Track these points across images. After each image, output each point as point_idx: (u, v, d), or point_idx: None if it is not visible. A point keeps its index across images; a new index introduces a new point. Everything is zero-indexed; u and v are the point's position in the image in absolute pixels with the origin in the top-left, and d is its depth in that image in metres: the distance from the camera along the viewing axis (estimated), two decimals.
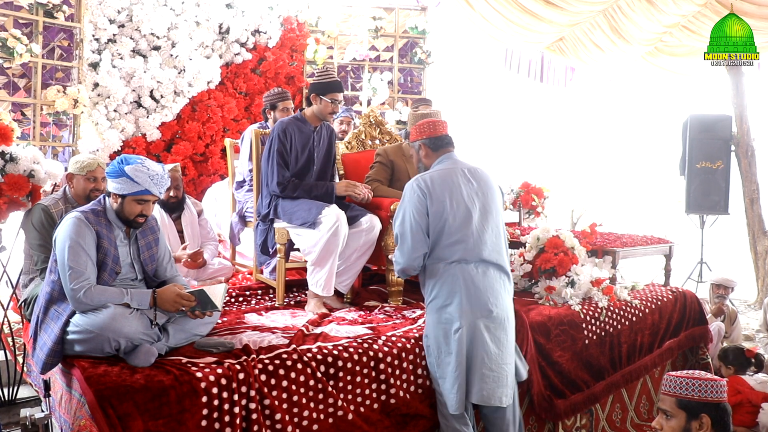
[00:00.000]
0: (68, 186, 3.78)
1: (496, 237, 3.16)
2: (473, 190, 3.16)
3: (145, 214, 2.95)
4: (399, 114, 7.43)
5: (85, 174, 3.68)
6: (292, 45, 7.16)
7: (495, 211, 3.19)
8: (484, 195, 3.18)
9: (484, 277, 3.07)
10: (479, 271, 3.06)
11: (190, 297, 2.84)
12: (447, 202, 3.07)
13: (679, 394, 2.18)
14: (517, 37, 7.51)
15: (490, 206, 3.17)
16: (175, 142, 6.47)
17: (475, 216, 3.10)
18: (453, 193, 3.10)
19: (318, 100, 3.93)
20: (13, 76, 5.26)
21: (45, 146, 5.41)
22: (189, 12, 6.38)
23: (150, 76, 6.18)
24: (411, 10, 7.71)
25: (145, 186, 2.87)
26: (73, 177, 3.75)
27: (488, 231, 3.13)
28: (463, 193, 3.12)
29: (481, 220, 3.12)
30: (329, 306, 3.87)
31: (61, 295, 2.80)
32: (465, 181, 3.17)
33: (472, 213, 3.10)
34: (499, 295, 3.11)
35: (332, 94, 3.91)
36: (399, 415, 3.10)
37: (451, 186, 3.11)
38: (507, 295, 3.19)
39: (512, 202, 6.43)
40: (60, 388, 2.78)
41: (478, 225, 3.10)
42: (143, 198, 2.90)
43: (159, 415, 2.45)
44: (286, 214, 3.85)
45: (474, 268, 3.06)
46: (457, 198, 3.09)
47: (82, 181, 3.72)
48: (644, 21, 7.09)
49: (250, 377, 2.69)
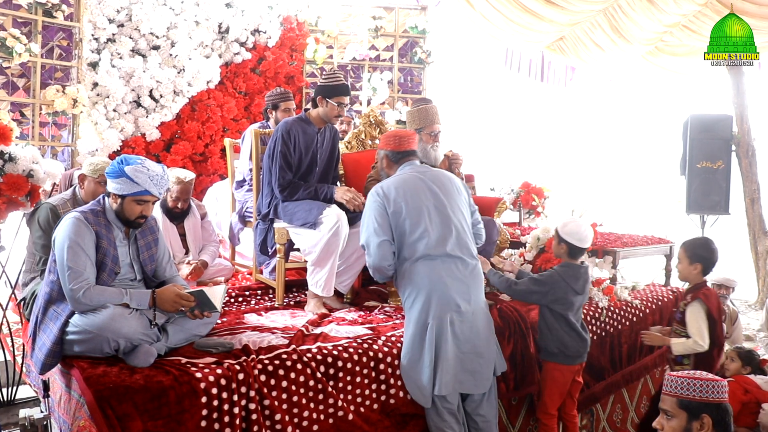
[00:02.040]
0: (79, 187, 3.77)
1: (460, 232, 3.22)
2: (430, 189, 3.25)
3: (144, 215, 2.94)
4: (399, 114, 7.43)
5: (97, 177, 3.67)
6: (291, 44, 7.15)
7: (456, 208, 3.26)
8: (443, 193, 3.26)
9: (450, 271, 3.12)
10: (445, 266, 3.12)
11: (189, 297, 2.84)
12: (403, 203, 3.17)
13: (681, 394, 2.17)
14: (518, 36, 7.51)
15: (449, 203, 3.25)
16: (175, 141, 6.45)
17: (432, 213, 3.19)
18: (409, 193, 3.21)
19: (324, 102, 3.90)
20: (12, 76, 5.25)
21: (44, 146, 5.40)
22: (188, 11, 6.37)
23: (149, 76, 6.17)
24: (411, 10, 7.70)
25: (145, 186, 2.86)
26: (85, 178, 3.74)
27: (450, 226, 3.19)
28: (419, 193, 3.22)
29: (440, 216, 3.19)
30: (329, 306, 3.86)
31: (60, 296, 2.78)
32: (421, 182, 3.26)
33: (430, 210, 3.19)
34: (469, 289, 3.15)
35: (339, 98, 3.88)
36: (399, 415, 3.10)
37: (407, 188, 3.23)
38: (477, 288, 3.23)
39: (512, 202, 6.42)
40: (59, 389, 2.77)
41: (438, 221, 3.18)
42: (143, 198, 2.89)
43: (158, 416, 2.44)
44: (286, 214, 3.84)
45: (440, 263, 3.11)
46: (413, 198, 3.20)
47: (93, 184, 3.71)
48: (645, 20, 7.08)
49: (250, 377, 2.68)
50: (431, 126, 3.99)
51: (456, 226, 3.21)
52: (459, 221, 3.24)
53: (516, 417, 3.72)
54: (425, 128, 4.00)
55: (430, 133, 3.99)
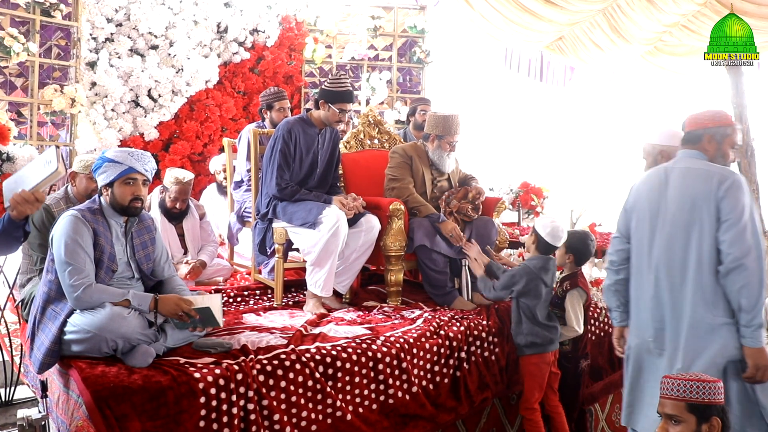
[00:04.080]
0: (71, 185, 3.76)
1: None
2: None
3: (138, 196, 2.92)
4: (398, 113, 7.41)
5: (88, 173, 3.66)
6: (290, 44, 7.14)
7: None
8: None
9: None
10: None
11: (191, 312, 2.84)
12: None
13: (689, 397, 2.12)
14: (517, 36, 7.49)
15: None
16: (173, 141, 6.44)
17: None
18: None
19: (326, 107, 3.89)
20: (10, 76, 5.23)
21: (42, 146, 5.39)
22: (187, 11, 6.36)
23: (148, 76, 6.15)
24: (410, 9, 7.69)
25: (128, 164, 2.87)
26: (77, 176, 3.73)
27: None
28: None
29: None
30: (328, 306, 3.85)
31: (58, 295, 2.78)
32: None
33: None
34: None
35: (341, 104, 3.87)
36: (398, 415, 3.09)
37: None
38: None
39: (511, 202, 6.43)
40: (57, 389, 2.76)
41: None
42: (130, 176, 2.89)
43: (157, 416, 2.44)
44: (286, 214, 3.83)
45: None
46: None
47: (84, 180, 3.71)
48: (644, 20, 7.07)
49: (249, 378, 2.67)
50: (452, 136, 4.12)
51: None
52: None
53: (515, 416, 3.72)
54: (446, 137, 4.11)
55: (448, 142, 4.12)
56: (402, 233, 3.90)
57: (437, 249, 3.89)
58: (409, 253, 3.96)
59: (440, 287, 3.94)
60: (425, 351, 3.28)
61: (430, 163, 4.20)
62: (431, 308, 3.83)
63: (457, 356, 3.42)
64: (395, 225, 3.89)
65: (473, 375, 3.46)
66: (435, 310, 3.80)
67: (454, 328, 3.48)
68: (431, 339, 3.34)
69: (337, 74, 4.07)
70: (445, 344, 3.37)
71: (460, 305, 3.88)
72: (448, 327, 3.48)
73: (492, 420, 3.63)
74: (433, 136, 4.16)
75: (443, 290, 3.94)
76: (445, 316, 3.63)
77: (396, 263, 3.93)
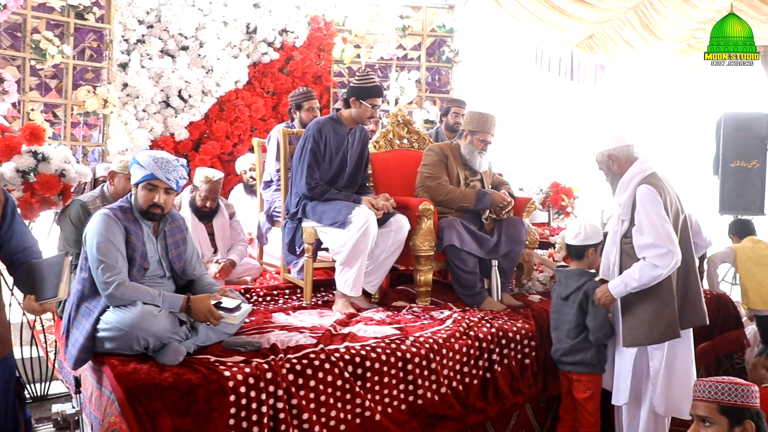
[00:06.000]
0: (108, 183, 3.81)
1: None
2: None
3: (158, 204, 2.92)
4: (427, 113, 7.39)
5: (127, 173, 3.69)
6: (319, 44, 7.16)
7: None
8: None
9: None
10: None
11: (219, 316, 2.85)
12: None
13: (721, 400, 2.10)
14: (546, 35, 7.43)
15: None
16: (203, 141, 6.50)
17: None
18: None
19: (358, 104, 3.90)
20: (45, 77, 5.33)
21: (75, 146, 5.48)
22: (217, 12, 6.41)
23: (178, 76, 6.22)
24: (438, 9, 7.66)
25: (150, 170, 2.88)
26: (116, 175, 3.78)
27: None
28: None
29: None
30: (357, 306, 3.85)
31: (91, 293, 2.82)
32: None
33: None
34: None
35: (372, 99, 3.88)
36: (426, 416, 3.07)
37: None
38: None
39: (541, 202, 6.36)
40: (90, 385, 2.80)
41: None
42: (150, 183, 2.90)
43: (187, 414, 2.45)
44: (315, 214, 3.83)
45: None
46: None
47: (123, 181, 3.75)
48: (677, 17, 6.95)
49: (278, 377, 2.67)
50: (485, 134, 4.10)
51: None
52: None
53: (544, 418, 3.68)
54: (479, 133, 4.10)
55: (481, 139, 4.10)
56: (431, 233, 3.88)
57: (467, 249, 3.86)
58: (439, 253, 3.94)
59: (470, 287, 3.91)
60: (454, 352, 3.25)
61: (463, 163, 4.18)
62: (461, 309, 3.80)
63: (487, 357, 3.39)
64: (425, 225, 3.87)
65: (505, 377, 3.42)
66: (464, 310, 3.77)
67: (483, 329, 3.45)
68: (461, 340, 3.32)
69: (364, 71, 4.07)
70: (475, 345, 3.34)
71: (490, 306, 3.85)
72: (478, 328, 3.45)
73: (521, 422, 3.59)
74: (466, 132, 4.15)
75: (473, 290, 3.91)
76: (475, 317, 3.61)
77: (425, 263, 3.91)
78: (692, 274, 3.21)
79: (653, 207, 3.05)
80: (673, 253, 3.01)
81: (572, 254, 3.52)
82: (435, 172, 4.11)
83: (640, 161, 3.22)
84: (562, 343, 3.42)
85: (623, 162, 3.25)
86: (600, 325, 3.26)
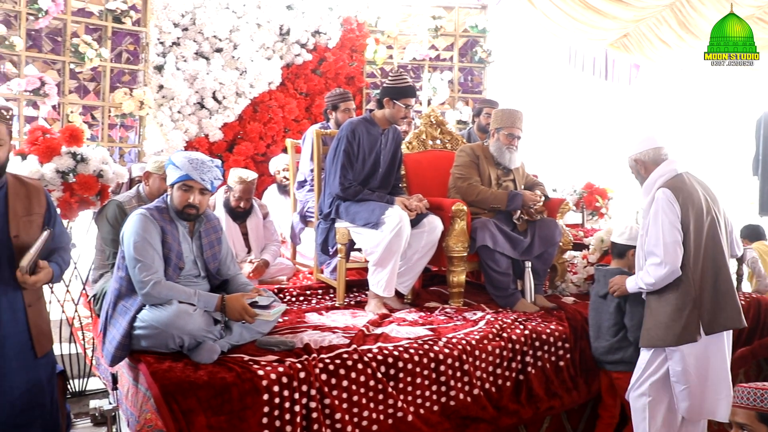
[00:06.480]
0: (143, 184, 3.87)
1: None
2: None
3: (193, 204, 2.95)
4: (459, 114, 7.35)
5: (162, 174, 3.74)
6: (351, 45, 7.18)
7: None
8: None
9: None
10: None
11: (253, 314, 2.88)
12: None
13: (761, 407, 2.06)
14: (580, 34, 7.34)
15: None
16: (237, 142, 6.57)
17: None
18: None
19: (391, 104, 3.90)
20: (84, 80, 5.44)
21: (112, 147, 5.58)
22: (250, 14, 6.47)
23: (212, 78, 6.30)
24: (471, 9, 7.62)
25: (185, 170, 2.91)
26: (150, 176, 3.84)
27: None
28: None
29: None
30: (389, 306, 3.84)
31: (128, 291, 2.86)
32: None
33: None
34: None
35: (406, 99, 3.88)
36: (459, 417, 3.06)
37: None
38: None
39: (575, 203, 6.29)
40: (127, 382, 2.84)
41: None
42: (185, 183, 2.93)
43: (221, 412, 2.48)
44: (348, 214, 3.84)
45: None
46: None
47: (158, 181, 3.80)
48: (715, 14, 6.80)
49: (311, 376, 2.68)
50: (510, 128, 4.08)
51: None
52: None
53: (577, 421, 3.64)
54: (504, 128, 4.09)
55: (507, 134, 4.08)
56: (464, 234, 3.86)
57: (500, 250, 3.84)
58: (472, 254, 3.92)
59: (503, 289, 3.89)
60: (487, 353, 3.23)
61: (495, 163, 4.16)
62: (493, 310, 3.78)
63: (521, 360, 3.36)
64: (458, 226, 3.85)
65: (539, 380, 3.39)
66: (497, 312, 3.75)
67: (517, 330, 3.42)
68: (494, 341, 3.29)
69: (397, 71, 4.07)
70: (508, 347, 3.32)
71: (523, 307, 3.82)
72: (511, 329, 3.42)
73: (554, 425, 3.55)
74: (493, 130, 4.14)
75: (506, 292, 3.88)
76: (508, 318, 3.58)
77: (458, 264, 3.90)
78: (723, 274, 3.12)
79: (665, 214, 3.01)
80: (665, 264, 2.98)
81: (614, 252, 3.53)
82: (466, 173, 4.09)
83: (667, 163, 3.17)
84: (602, 342, 3.41)
85: (650, 165, 3.21)
86: (638, 323, 3.22)
